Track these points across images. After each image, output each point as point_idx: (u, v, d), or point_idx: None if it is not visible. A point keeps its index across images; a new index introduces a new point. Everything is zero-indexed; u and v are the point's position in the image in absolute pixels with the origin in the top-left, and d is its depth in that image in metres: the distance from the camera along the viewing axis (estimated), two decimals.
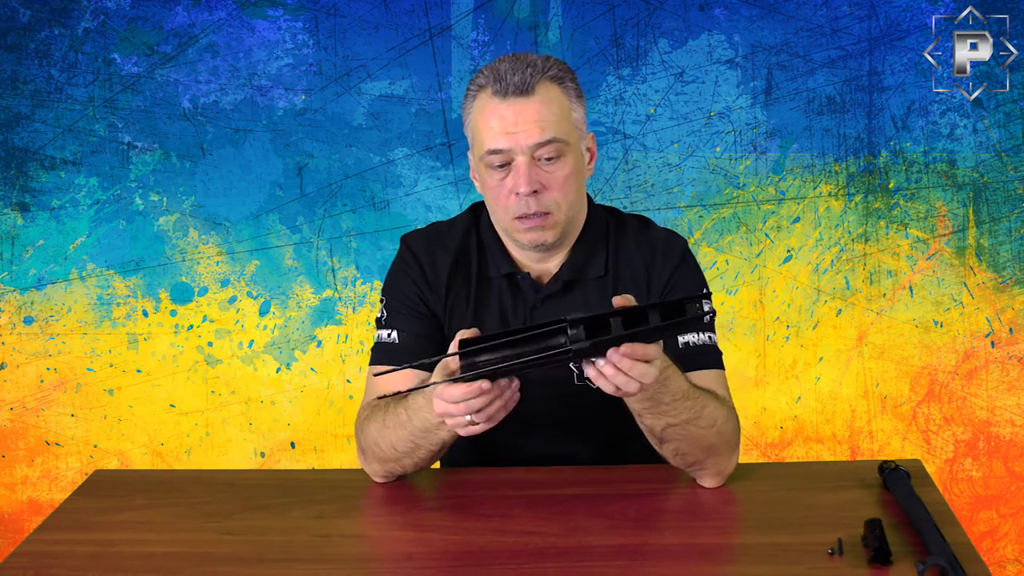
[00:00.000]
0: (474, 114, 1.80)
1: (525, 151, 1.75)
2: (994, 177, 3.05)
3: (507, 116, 1.75)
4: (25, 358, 3.15)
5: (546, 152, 1.76)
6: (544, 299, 1.85)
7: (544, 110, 1.75)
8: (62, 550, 1.59)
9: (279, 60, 3.06)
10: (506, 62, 1.77)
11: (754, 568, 1.50)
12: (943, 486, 3.07)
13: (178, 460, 3.15)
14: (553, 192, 1.78)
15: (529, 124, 1.75)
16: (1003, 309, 3.08)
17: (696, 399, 1.67)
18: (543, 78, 1.76)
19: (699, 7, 3.02)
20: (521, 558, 1.52)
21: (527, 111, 1.75)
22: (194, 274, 3.12)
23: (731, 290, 3.10)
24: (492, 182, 1.79)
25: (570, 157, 1.78)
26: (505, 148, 1.75)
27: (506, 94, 1.75)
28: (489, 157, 1.77)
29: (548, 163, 1.77)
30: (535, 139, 1.75)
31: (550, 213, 1.78)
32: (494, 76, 1.77)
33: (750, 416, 3.10)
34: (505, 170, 1.77)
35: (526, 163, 1.76)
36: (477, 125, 1.79)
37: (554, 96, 1.77)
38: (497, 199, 1.79)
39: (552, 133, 1.75)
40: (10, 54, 3.05)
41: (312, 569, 1.52)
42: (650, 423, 1.68)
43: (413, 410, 1.68)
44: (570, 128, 1.78)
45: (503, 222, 1.82)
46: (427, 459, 1.76)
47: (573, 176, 1.79)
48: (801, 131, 3.05)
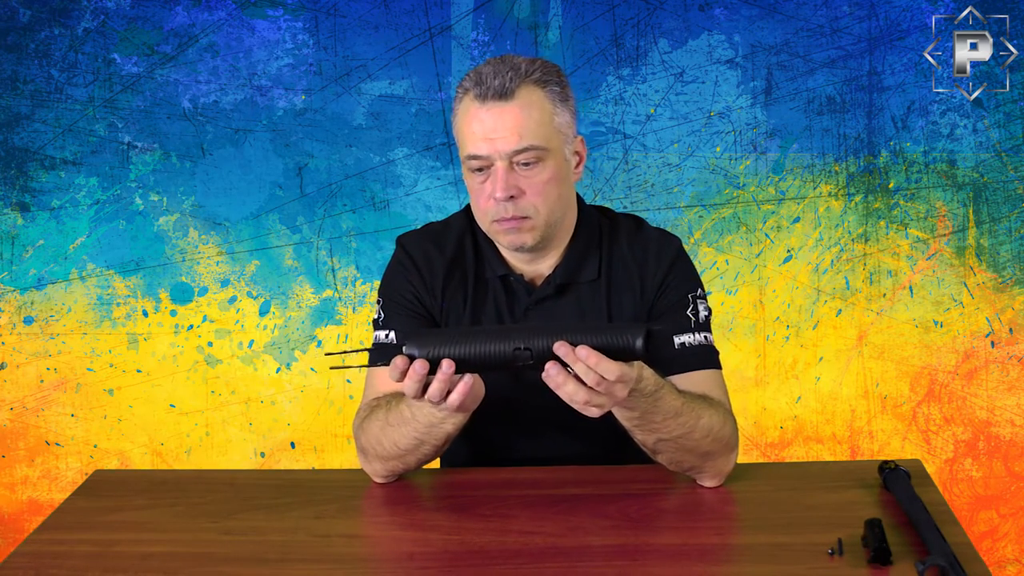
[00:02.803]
0: (458, 117, 1.79)
1: (503, 157, 1.74)
2: (994, 177, 3.05)
3: (486, 121, 1.74)
4: (25, 358, 3.15)
5: (523, 158, 1.74)
6: (537, 302, 1.85)
7: (523, 116, 1.73)
8: (62, 550, 1.59)
9: (279, 60, 3.06)
10: (490, 65, 1.75)
11: (754, 568, 1.50)
12: (943, 486, 3.07)
13: (178, 460, 3.15)
14: (531, 197, 1.76)
15: (507, 130, 1.73)
16: (1003, 309, 3.08)
17: (689, 413, 1.66)
18: (525, 82, 1.74)
19: (699, 7, 3.02)
20: (521, 558, 1.52)
21: (505, 116, 1.73)
22: (194, 274, 3.12)
23: (731, 290, 3.10)
24: (473, 185, 1.79)
25: (550, 162, 1.76)
26: (484, 154, 1.74)
27: (485, 98, 1.74)
28: (469, 161, 1.77)
29: (526, 168, 1.75)
30: (512, 146, 1.73)
31: (528, 217, 1.77)
32: (476, 79, 1.75)
33: (750, 416, 3.10)
34: (485, 174, 1.76)
35: (504, 168, 1.74)
36: (460, 128, 1.78)
37: (535, 100, 1.75)
38: (478, 202, 1.79)
39: (530, 140, 1.74)
40: (10, 54, 3.05)
41: (312, 569, 1.52)
42: (642, 438, 1.68)
43: (416, 406, 1.68)
44: (551, 133, 1.76)
45: (484, 224, 1.82)
46: (431, 454, 1.76)
47: (553, 181, 1.77)
48: (801, 131, 3.05)
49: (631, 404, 1.60)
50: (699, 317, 1.84)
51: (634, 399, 1.59)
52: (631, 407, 1.61)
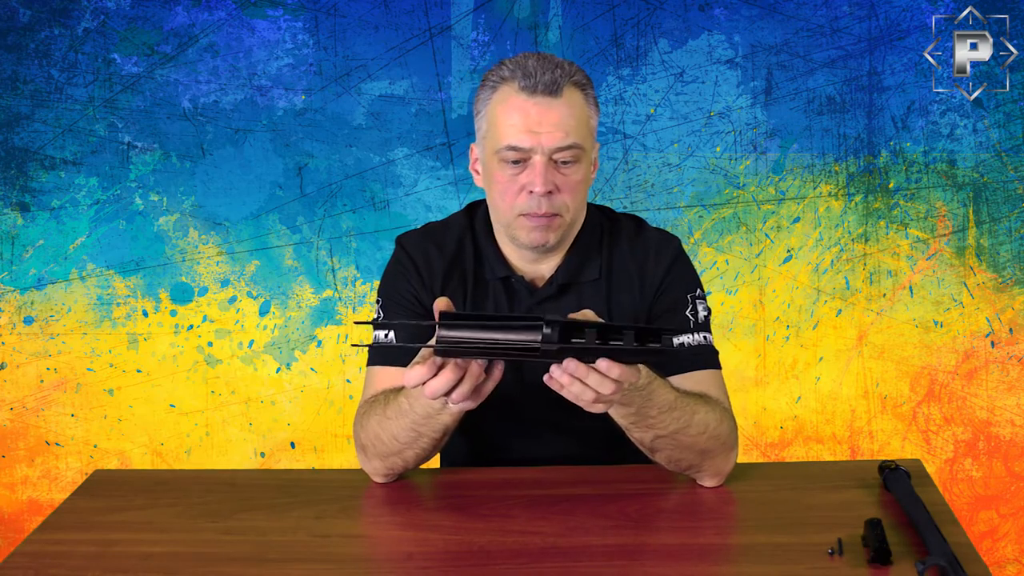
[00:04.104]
0: (493, 106, 1.77)
1: (545, 152, 1.74)
2: (994, 177, 3.05)
3: (532, 114, 1.74)
4: (25, 358, 3.15)
5: (565, 156, 1.75)
6: (539, 302, 1.85)
7: (568, 114, 1.75)
8: (62, 550, 1.59)
9: (279, 60, 3.06)
10: (532, 59, 1.76)
11: (754, 568, 1.50)
12: (943, 486, 3.07)
13: (178, 460, 3.15)
14: (565, 195, 1.77)
15: (553, 126, 1.74)
16: (1003, 309, 3.08)
17: (684, 408, 1.66)
18: (570, 82, 1.76)
19: (699, 7, 3.02)
20: (521, 558, 1.52)
21: (552, 112, 1.74)
22: (194, 274, 3.12)
23: (731, 290, 3.10)
24: (503, 176, 1.77)
25: (584, 163, 1.78)
26: (526, 147, 1.74)
27: (534, 91, 1.74)
28: (506, 152, 1.75)
29: (564, 166, 1.76)
30: (557, 143, 1.74)
31: (559, 215, 1.78)
32: (522, 71, 1.75)
33: (750, 416, 3.10)
34: (520, 167, 1.76)
35: (544, 163, 1.75)
36: (496, 118, 1.77)
37: (577, 102, 1.76)
38: (505, 194, 1.78)
39: (574, 138, 1.75)
40: (10, 54, 3.05)
41: (312, 569, 1.52)
42: (639, 436, 1.68)
43: (413, 397, 1.68)
44: (587, 135, 1.78)
45: (506, 217, 1.80)
46: (429, 449, 1.75)
47: (584, 182, 1.79)
48: (801, 131, 3.05)
49: (627, 400, 1.60)
50: (698, 317, 1.84)
51: (629, 394, 1.59)
52: (627, 403, 1.61)
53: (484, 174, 1.83)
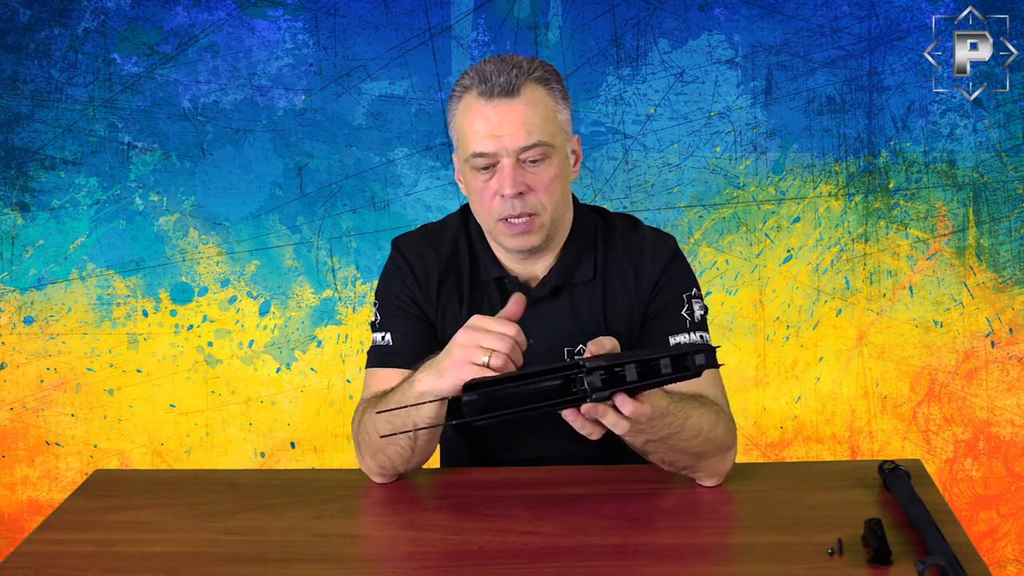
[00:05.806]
0: (459, 116, 1.79)
1: (511, 154, 1.74)
2: (994, 177, 3.05)
3: (492, 118, 1.74)
4: (25, 358, 3.15)
5: (531, 155, 1.75)
6: (532, 304, 1.85)
7: (530, 112, 1.74)
8: (62, 550, 1.59)
9: (279, 60, 3.06)
10: (491, 63, 1.76)
11: (754, 568, 1.50)
12: (943, 486, 3.07)
13: (178, 460, 3.15)
14: (538, 194, 1.77)
15: (514, 127, 1.74)
16: (1003, 309, 3.08)
17: (677, 413, 1.65)
18: (529, 79, 1.75)
19: (699, 7, 3.02)
20: (521, 558, 1.52)
21: (512, 113, 1.74)
22: (194, 274, 3.12)
23: (731, 290, 3.10)
24: (477, 184, 1.78)
25: (555, 159, 1.77)
26: (490, 151, 1.74)
27: (491, 95, 1.74)
28: (474, 159, 1.76)
29: (533, 165, 1.76)
30: (520, 142, 1.74)
31: (536, 215, 1.77)
32: (479, 77, 1.76)
33: (750, 416, 3.10)
34: (490, 172, 1.76)
35: (511, 165, 1.74)
36: (462, 127, 1.78)
37: (540, 98, 1.76)
38: (482, 201, 1.79)
39: (537, 136, 1.74)
40: (10, 54, 3.05)
41: (312, 569, 1.52)
42: (629, 440, 1.67)
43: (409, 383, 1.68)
44: (555, 130, 1.77)
45: (487, 224, 1.81)
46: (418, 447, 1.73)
47: (558, 178, 1.78)
48: (801, 131, 3.05)
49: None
50: (694, 316, 1.84)
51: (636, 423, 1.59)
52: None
53: (464, 184, 1.83)
